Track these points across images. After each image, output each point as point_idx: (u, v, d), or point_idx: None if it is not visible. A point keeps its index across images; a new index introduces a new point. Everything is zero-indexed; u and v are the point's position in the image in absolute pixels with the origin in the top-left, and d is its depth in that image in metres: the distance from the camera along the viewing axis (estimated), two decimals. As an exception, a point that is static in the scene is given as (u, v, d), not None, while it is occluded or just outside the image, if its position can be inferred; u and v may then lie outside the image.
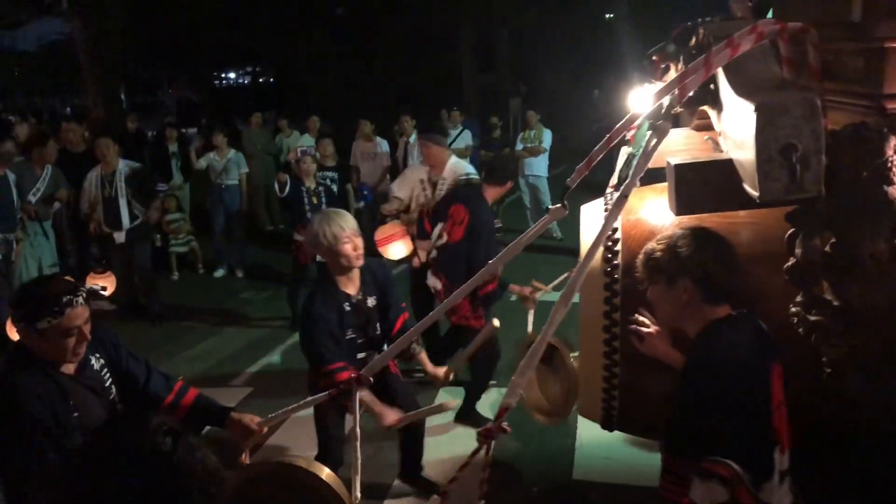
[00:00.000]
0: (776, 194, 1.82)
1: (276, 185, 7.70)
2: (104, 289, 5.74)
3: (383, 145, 10.08)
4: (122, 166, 7.35)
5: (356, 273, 3.77)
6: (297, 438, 4.48)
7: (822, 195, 1.91)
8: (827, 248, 2.03)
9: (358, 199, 10.00)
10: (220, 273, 9.33)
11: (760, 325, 2.25)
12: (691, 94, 2.50)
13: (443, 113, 12.35)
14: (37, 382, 2.39)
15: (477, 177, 5.75)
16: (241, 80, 41.02)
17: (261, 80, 36.98)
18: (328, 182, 7.76)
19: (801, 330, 2.17)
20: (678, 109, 2.84)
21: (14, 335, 5.40)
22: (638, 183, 2.02)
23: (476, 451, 2.01)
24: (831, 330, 2.09)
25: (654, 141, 1.96)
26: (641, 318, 2.47)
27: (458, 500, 2.14)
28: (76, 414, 2.43)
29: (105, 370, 2.61)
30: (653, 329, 2.43)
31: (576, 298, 2.02)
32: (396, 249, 5.63)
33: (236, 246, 9.37)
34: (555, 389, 3.96)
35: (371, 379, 2.63)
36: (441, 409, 3.63)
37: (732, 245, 2.29)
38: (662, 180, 2.46)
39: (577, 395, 3.16)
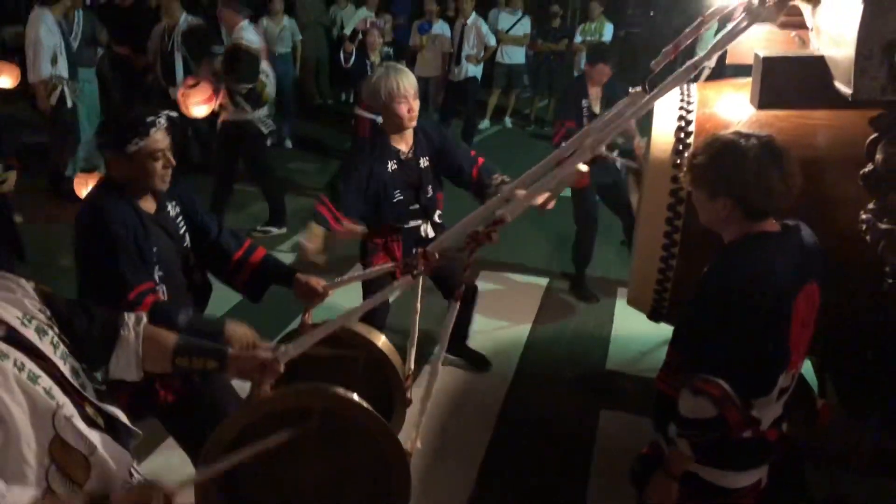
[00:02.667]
0: (871, 93, 1.77)
1: (342, 56, 7.53)
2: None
3: (444, 29, 9.69)
4: (183, 21, 7.15)
5: (409, 133, 3.82)
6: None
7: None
8: (910, 158, 1.99)
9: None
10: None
11: (803, 241, 2.13)
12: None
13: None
14: (122, 210, 2.51)
15: (255, 45, 6.18)
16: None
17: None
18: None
19: (868, 238, 2.16)
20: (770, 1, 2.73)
21: (82, 193, 5.44)
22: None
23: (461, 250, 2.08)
24: (901, 240, 2.07)
25: (744, 23, 1.90)
26: None
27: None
28: (154, 249, 2.52)
29: (180, 218, 2.72)
30: None
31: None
32: (198, 109, 6.09)
33: (286, 116, 9.28)
34: None
35: (437, 255, 2.24)
36: None
37: (782, 154, 2.06)
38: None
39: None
